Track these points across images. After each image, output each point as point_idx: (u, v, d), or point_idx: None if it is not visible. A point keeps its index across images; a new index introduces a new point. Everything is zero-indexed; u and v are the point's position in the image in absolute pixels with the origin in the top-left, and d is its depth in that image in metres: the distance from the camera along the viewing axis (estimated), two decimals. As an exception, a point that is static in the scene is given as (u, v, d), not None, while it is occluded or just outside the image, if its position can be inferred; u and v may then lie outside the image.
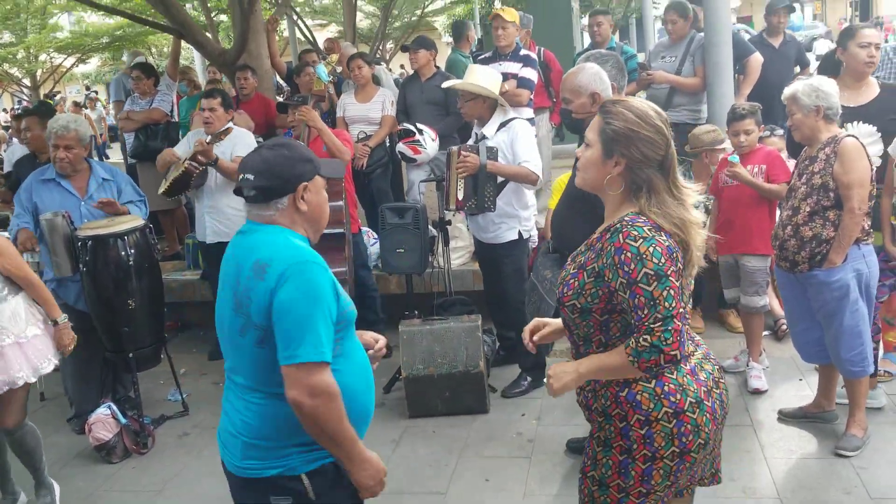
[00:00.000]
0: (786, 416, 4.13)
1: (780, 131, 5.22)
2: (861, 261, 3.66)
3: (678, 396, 2.13)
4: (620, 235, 2.06)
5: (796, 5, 9.16)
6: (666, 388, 2.13)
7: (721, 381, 2.26)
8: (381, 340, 2.49)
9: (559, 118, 6.65)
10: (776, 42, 6.83)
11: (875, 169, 3.73)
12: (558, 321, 2.41)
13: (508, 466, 3.97)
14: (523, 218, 4.68)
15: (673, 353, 2.02)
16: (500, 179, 4.48)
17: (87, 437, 4.42)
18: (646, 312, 2.02)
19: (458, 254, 5.76)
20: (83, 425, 4.51)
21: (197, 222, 5.56)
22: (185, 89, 7.82)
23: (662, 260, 2.02)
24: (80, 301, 4.54)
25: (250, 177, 2.11)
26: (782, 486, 3.57)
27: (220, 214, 5.30)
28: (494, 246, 4.70)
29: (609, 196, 2.19)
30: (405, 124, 5.90)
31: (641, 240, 2.03)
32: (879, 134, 4.17)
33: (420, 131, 5.74)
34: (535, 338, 2.48)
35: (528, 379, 4.77)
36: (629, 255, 2.03)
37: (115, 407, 4.48)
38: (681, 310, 2.04)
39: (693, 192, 2.17)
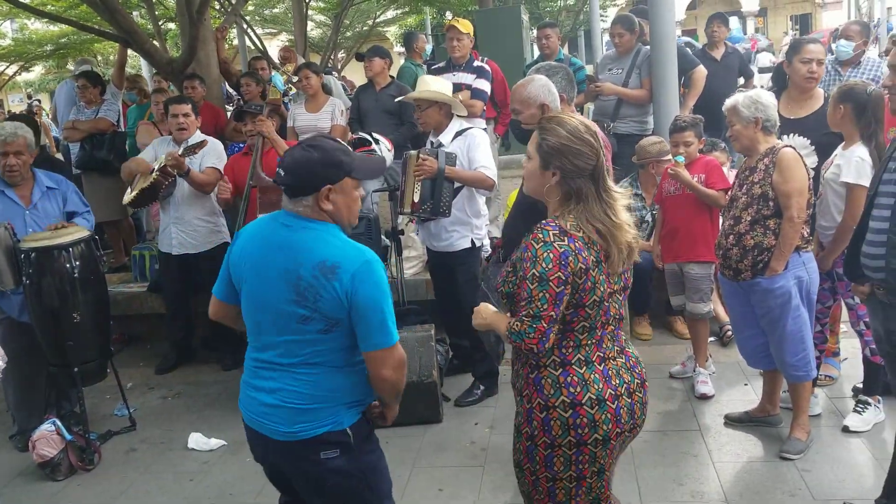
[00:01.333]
0: (732, 421, 4.22)
1: (723, 144, 5.35)
2: (801, 268, 3.76)
3: (577, 389, 2.36)
4: (531, 236, 2.32)
5: (734, 18, 9.41)
6: (569, 378, 2.37)
7: (637, 393, 2.46)
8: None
9: (503, 129, 6.72)
10: (718, 55, 7.02)
11: (811, 179, 3.85)
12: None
13: (461, 475, 3.97)
14: (475, 225, 4.70)
15: (530, 346, 2.30)
16: (455, 185, 4.51)
17: (31, 455, 4.30)
18: (524, 305, 2.30)
19: (411, 263, 5.77)
20: (26, 442, 4.40)
21: (161, 233, 5.48)
22: (133, 98, 7.69)
23: (550, 265, 2.26)
24: (24, 314, 4.43)
25: (281, 172, 2.35)
26: (729, 489, 3.64)
27: (187, 226, 5.24)
28: (448, 254, 4.71)
29: (549, 203, 2.43)
30: (361, 133, 5.89)
31: (542, 244, 2.28)
32: (813, 147, 4.31)
33: (376, 140, 5.74)
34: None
35: (482, 388, 4.79)
36: (529, 254, 2.30)
37: (59, 423, 4.36)
38: (551, 313, 2.28)
39: (623, 196, 2.41)
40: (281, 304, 2.35)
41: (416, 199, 4.45)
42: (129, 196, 5.23)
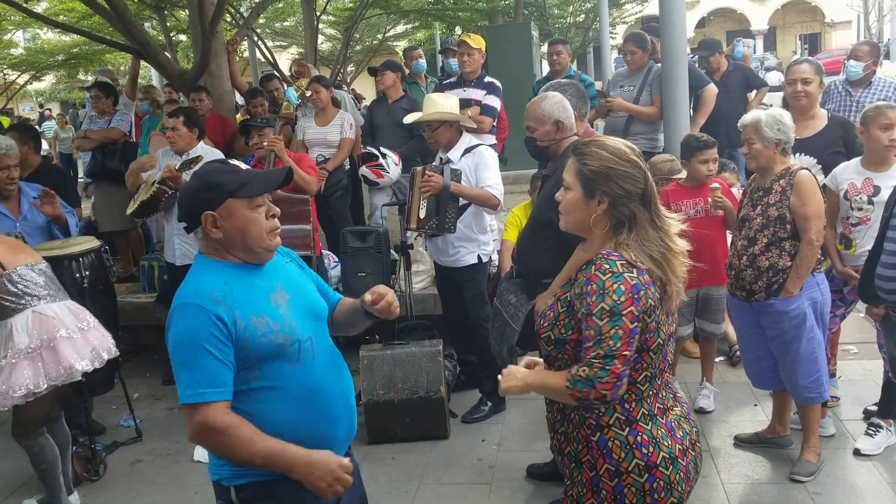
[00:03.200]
0: (742, 442, 4.19)
1: (733, 165, 5.34)
2: (815, 289, 3.73)
3: (650, 449, 2.09)
4: (593, 267, 2.05)
5: (748, 40, 9.44)
6: (639, 438, 2.09)
7: (697, 444, 2.22)
8: (389, 295, 2.41)
9: (500, 144, 6.70)
10: (717, 74, 7.04)
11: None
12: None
13: (468, 493, 3.95)
14: (482, 242, 4.69)
15: (604, 391, 1.98)
16: (461, 202, 4.51)
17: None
18: (591, 345, 2.01)
19: (420, 278, 5.76)
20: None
21: (166, 244, 5.48)
22: (147, 108, 7.74)
23: (622, 298, 1.99)
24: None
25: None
26: (739, 511, 3.61)
27: (190, 237, 5.22)
28: (454, 270, 4.70)
29: (594, 234, 2.16)
30: (368, 148, 5.91)
31: (610, 274, 2.02)
32: (820, 166, 4.29)
33: (383, 155, 5.75)
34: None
35: (489, 404, 4.76)
36: (594, 287, 2.03)
37: (65, 433, 4.35)
38: (626, 353, 1.99)
39: (675, 222, 2.17)
40: None
41: (422, 216, 4.44)
42: (131, 206, 5.25)
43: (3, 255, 3.64)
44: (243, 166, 2.31)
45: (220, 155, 5.35)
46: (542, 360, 2.31)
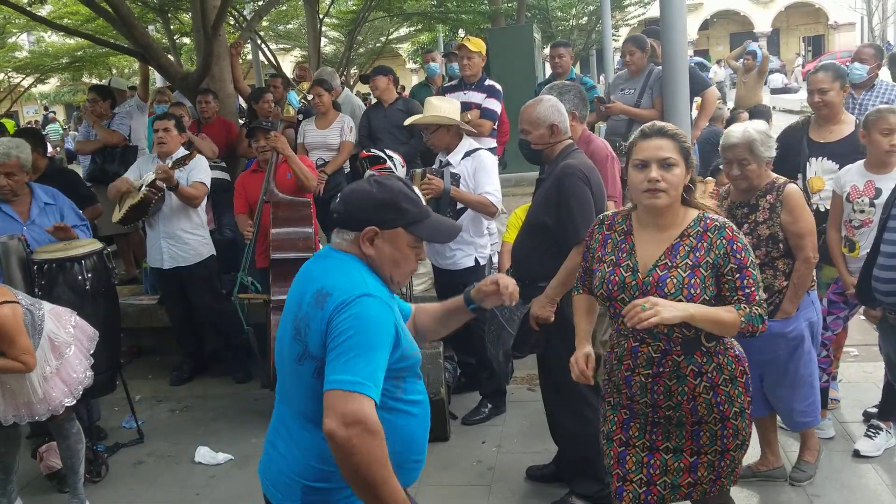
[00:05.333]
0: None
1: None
2: (811, 308, 3.60)
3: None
4: (727, 230, 2.52)
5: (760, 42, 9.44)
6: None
7: None
8: (511, 285, 2.31)
9: (501, 148, 6.71)
10: None
11: None
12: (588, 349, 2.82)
13: (468, 495, 3.96)
14: (479, 245, 4.70)
15: (768, 324, 2.56)
16: (458, 206, 4.52)
17: (39, 466, 4.33)
18: (754, 290, 2.50)
19: (420, 280, 5.78)
20: (35, 450, 4.42)
21: (149, 249, 5.49)
22: (164, 109, 7.76)
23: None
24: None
25: (337, 198, 2.17)
26: (738, 513, 3.61)
27: (177, 240, 5.27)
28: (452, 272, 4.72)
29: (675, 205, 2.57)
30: (375, 150, 5.92)
31: (742, 235, 2.54)
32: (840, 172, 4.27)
33: (390, 157, 5.77)
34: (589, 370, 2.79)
35: (489, 406, 4.78)
36: (740, 245, 2.51)
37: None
38: None
39: None
40: (286, 341, 2.08)
41: None
42: (118, 214, 5.27)
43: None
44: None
45: (205, 161, 5.39)
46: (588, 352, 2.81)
